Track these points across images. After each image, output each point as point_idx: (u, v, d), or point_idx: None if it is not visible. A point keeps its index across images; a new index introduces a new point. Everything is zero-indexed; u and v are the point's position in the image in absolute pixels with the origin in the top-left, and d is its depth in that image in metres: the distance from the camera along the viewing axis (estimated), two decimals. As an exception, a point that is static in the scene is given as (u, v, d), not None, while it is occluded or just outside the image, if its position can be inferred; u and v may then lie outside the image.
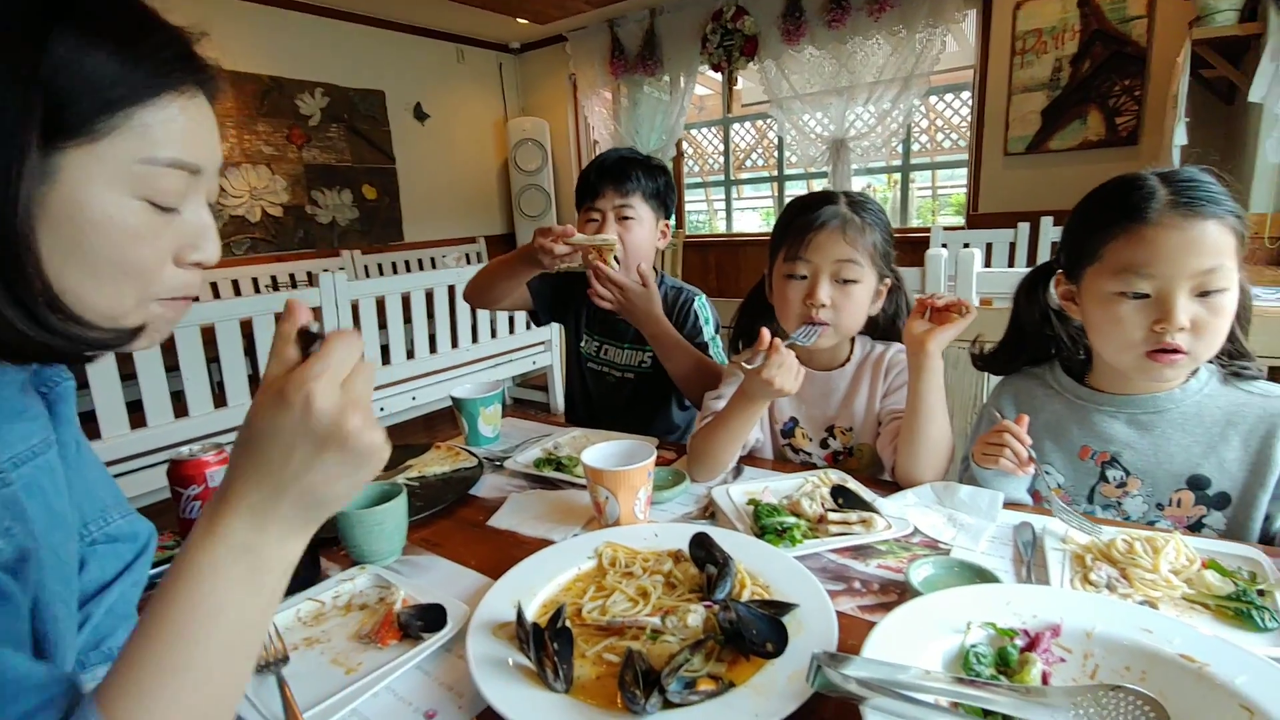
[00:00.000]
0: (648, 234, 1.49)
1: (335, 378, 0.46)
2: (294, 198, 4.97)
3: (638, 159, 1.48)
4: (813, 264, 1.12)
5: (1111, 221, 0.89)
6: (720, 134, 5.90)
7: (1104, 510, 0.99)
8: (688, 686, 0.59)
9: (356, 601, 0.80)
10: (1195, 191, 0.85)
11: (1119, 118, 4.04)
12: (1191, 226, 0.83)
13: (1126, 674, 0.57)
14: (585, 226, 1.47)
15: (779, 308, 1.19)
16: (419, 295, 3.21)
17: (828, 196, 1.15)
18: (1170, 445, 0.94)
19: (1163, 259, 0.84)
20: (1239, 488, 0.92)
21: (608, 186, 1.45)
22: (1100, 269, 0.91)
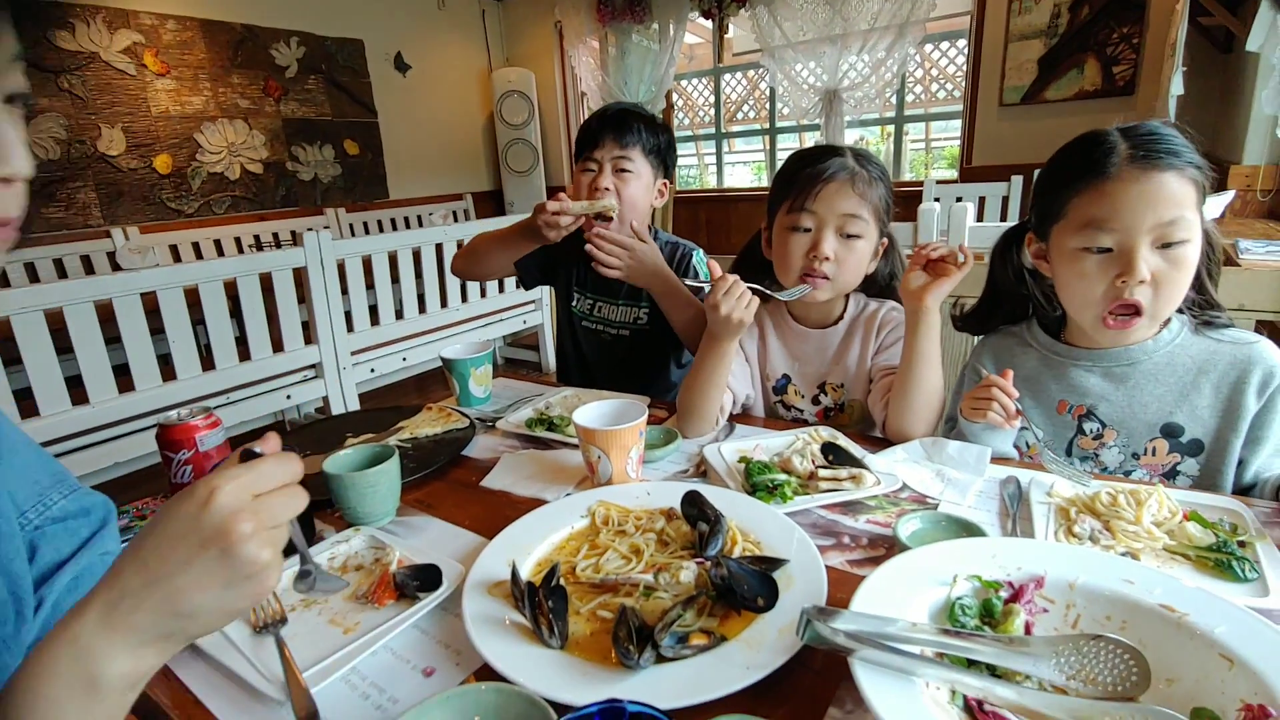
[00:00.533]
0: (644, 190, 1.45)
1: (250, 486, 0.47)
2: (274, 153, 4.85)
3: (641, 113, 1.44)
4: (818, 216, 1.11)
5: (1074, 178, 0.90)
6: (711, 85, 5.76)
7: (1082, 462, 1.00)
8: (680, 641, 0.60)
9: (352, 563, 0.80)
10: (1154, 144, 0.85)
11: (1116, 67, 3.96)
12: (1150, 179, 0.84)
13: (1107, 624, 0.59)
14: (581, 177, 1.44)
15: (779, 261, 1.17)
16: (406, 254, 3.16)
17: (833, 149, 1.13)
18: (1144, 395, 0.96)
19: (1123, 212, 0.85)
20: (1211, 434, 0.94)
21: (608, 136, 1.41)
22: (1065, 226, 0.92)
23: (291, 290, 2.70)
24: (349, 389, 2.96)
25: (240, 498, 0.46)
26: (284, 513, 0.48)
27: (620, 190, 1.41)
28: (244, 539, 0.45)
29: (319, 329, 2.81)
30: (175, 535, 0.45)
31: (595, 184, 1.40)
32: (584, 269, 1.55)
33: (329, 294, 2.80)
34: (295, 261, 2.69)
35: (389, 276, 3.10)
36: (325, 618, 0.71)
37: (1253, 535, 0.72)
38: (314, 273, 2.73)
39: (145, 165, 4.19)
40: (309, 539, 0.85)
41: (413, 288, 3.24)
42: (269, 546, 0.46)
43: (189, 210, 4.45)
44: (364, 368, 3.05)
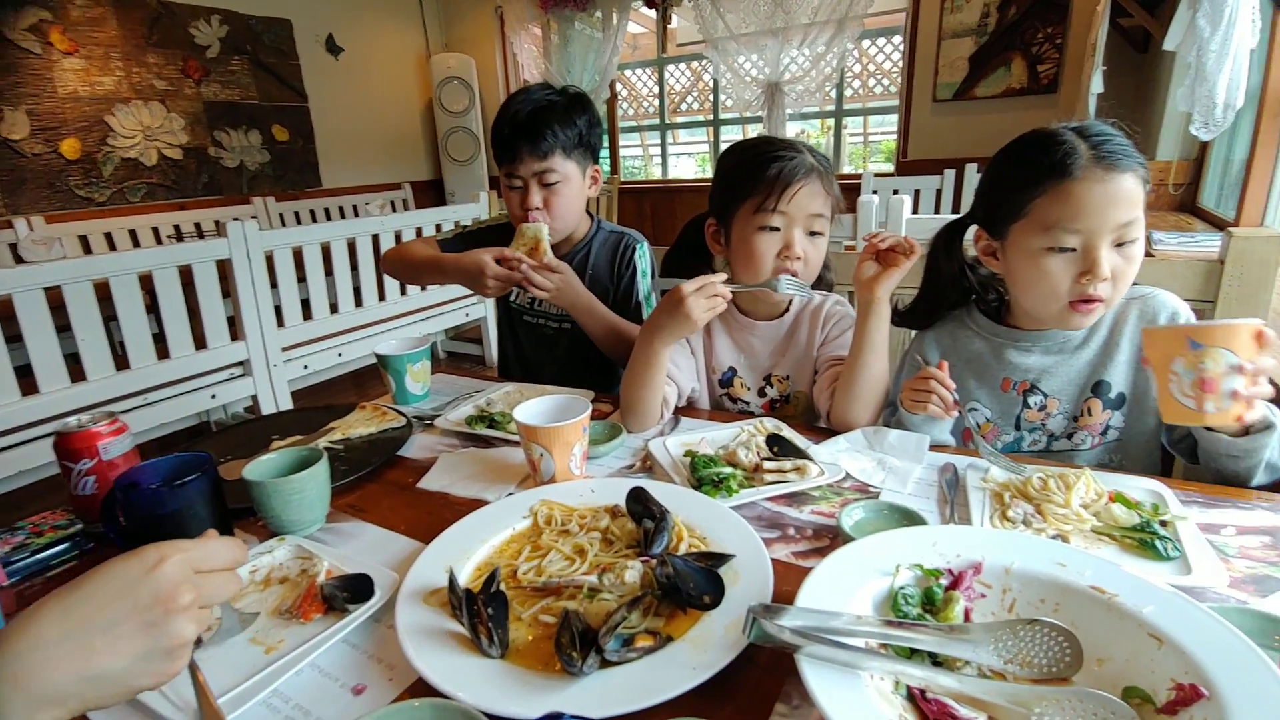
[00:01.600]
0: (576, 192, 1.38)
1: (196, 561, 0.48)
2: (194, 138, 4.57)
3: (552, 104, 1.33)
4: (789, 216, 1.10)
5: (1036, 179, 0.91)
6: (655, 75, 5.74)
7: (1030, 433, 1.05)
8: (625, 644, 0.58)
9: (276, 575, 0.75)
10: (1111, 145, 0.88)
11: (1041, 65, 4.13)
12: (1112, 180, 0.87)
13: (1042, 606, 0.60)
14: (509, 194, 1.37)
15: (745, 260, 1.14)
16: (340, 245, 3.04)
17: (791, 145, 1.12)
18: (1078, 362, 1.01)
19: (1087, 214, 0.87)
20: (1129, 384, 1.00)
21: (523, 149, 1.31)
22: (1027, 225, 0.93)
23: (215, 283, 2.56)
24: (280, 387, 2.83)
25: (186, 571, 0.47)
26: (219, 594, 0.49)
27: (551, 204, 1.34)
28: (179, 611, 0.45)
29: (246, 324, 2.67)
30: (110, 594, 0.45)
31: (525, 204, 1.34)
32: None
33: (256, 287, 2.67)
34: (219, 253, 2.55)
35: (322, 269, 2.97)
36: (245, 636, 0.66)
37: (1173, 515, 0.75)
38: (239, 265, 2.59)
39: (51, 150, 3.89)
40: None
41: (348, 281, 3.11)
42: (195, 624, 0.47)
43: (100, 199, 4.16)
44: (296, 364, 2.92)
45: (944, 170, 3.74)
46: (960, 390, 0.98)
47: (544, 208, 1.34)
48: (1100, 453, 1.02)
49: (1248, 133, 2.35)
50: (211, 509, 0.78)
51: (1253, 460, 0.83)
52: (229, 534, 0.81)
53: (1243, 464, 0.84)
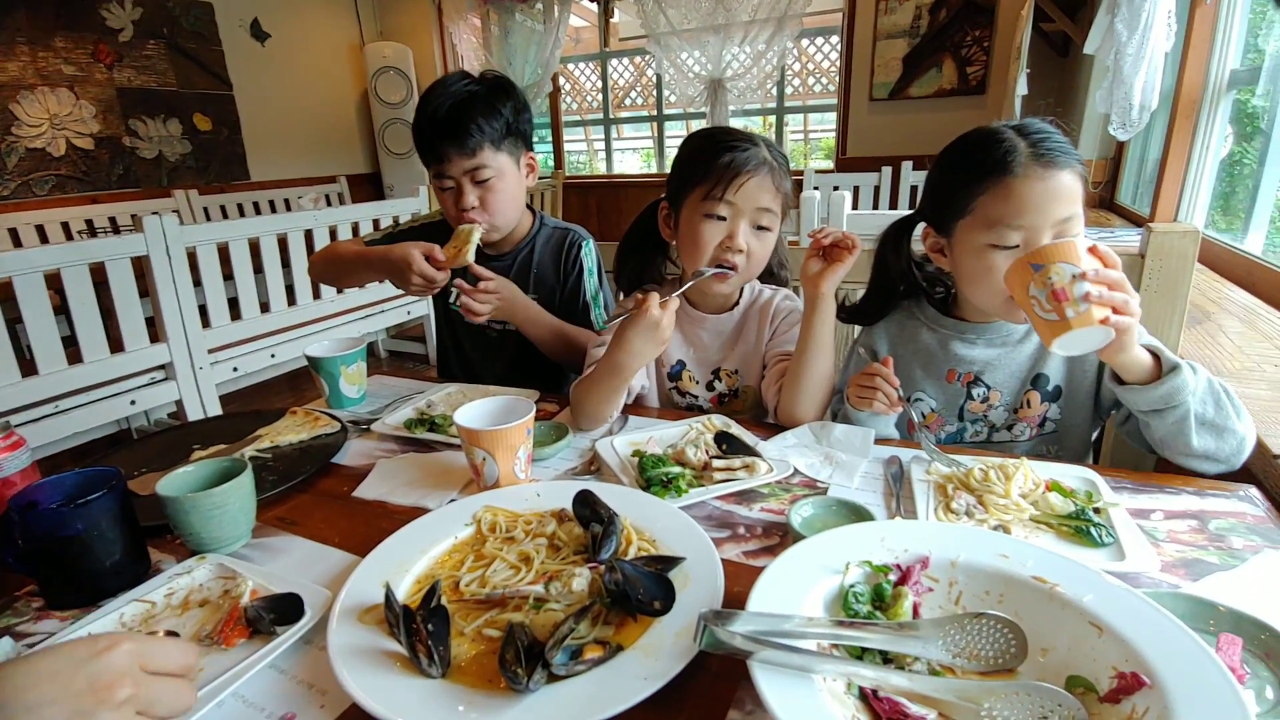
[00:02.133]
0: (513, 186, 1.31)
1: (147, 655, 0.45)
2: (107, 127, 4.29)
3: (473, 95, 1.24)
4: (736, 207, 1.09)
5: (979, 176, 0.93)
6: (598, 70, 5.69)
7: (973, 424, 1.07)
8: (574, 656, 0.56)
9: (196, 597, 0.70)
10: (1050, 143, 0.90)
11: (970, 67, 4.28)
12: (1051, 177, 0.89)
13: (987, 598, 0.61)
14: (442, 195, 1.30)
15: (689, 246, 1.13)
16: (270, 241, 2.89)
17: (748, 137, 1.11)
18: (1019, 355, 1.04)
19: (1029, 210, 0.89)
20: (1064, 377, 1.03)
21: (449, 149, 1.23)
22: (972, 222, 0.95)
23: (131, 282, 2.40)
24: (208, 391, 2.68)
25: (132, 664, 0.44)
26: (163, 704, 0.46)
27: (488, 203, 1.27)
28: (112, 706, 0.43)
29: (168, 325, 2.52)
30: (50, 671, 0.42)
31: (460, 204, 1.27)
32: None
33: (178, 285, 2.51)
34: (134, 249, 2.39)
35: (250, 266, 2.82)
36: (161, 665, 0.61)
37: (1106, 502, 0.77)
38: (158, 262, 2.43)
39: (-56, 139, 3.59)
40: (141, 573, 0.74)
41: (280, 278, 2.97)
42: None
43: (4, 192, 3.87)
44: (225, 367, 2.77)
45: (881, 167, 3.84)
46: (906, 381, 0.99)
47: (480, 206, 1.27)
48: (1037, 443, 1.05)
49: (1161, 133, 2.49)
50: (120, 529, 0.72)
51: (1177, 412, 0.84)
52: (142, 555, 0.76)
53: (1169, 419, 0.85)
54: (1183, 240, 1.12)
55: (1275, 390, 1.05)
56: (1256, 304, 1.56)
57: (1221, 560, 0.68)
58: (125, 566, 0.73)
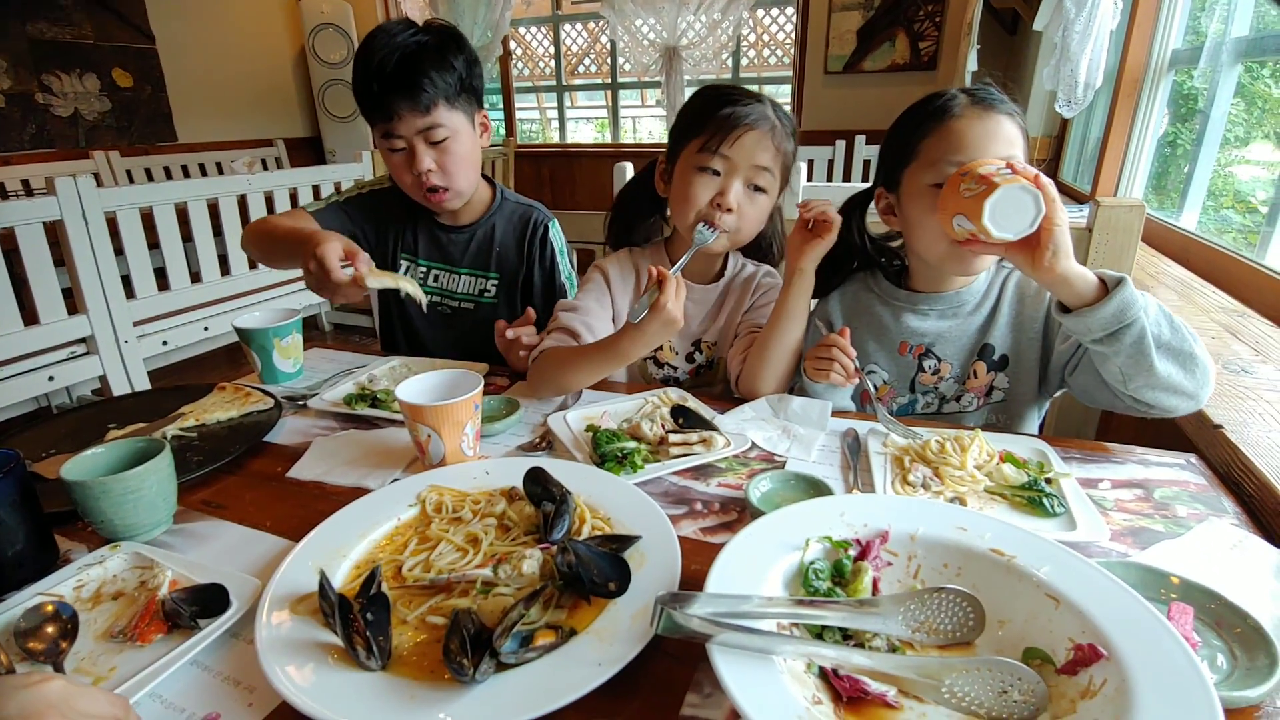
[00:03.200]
0: (469, 146, 1.22)
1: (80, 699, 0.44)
2: (19, 82, 3.95)
3: (423, 46, 1.14)
4: (731, 162, 1.05)
5: (923, 122, 0.96)
6: (550, 34, 5.52)
7: (924, 395, 1.07)
8: (524, 643, 0.53)
9: (109, 590, 0.64)
10: (988, 93, 0.95)
11: (922, 42, 4.31)
12: (989, 118, 0.92)
13: (945, 571, 0.60)
14: (390, 157, 1.19)
15: (679, 200, 1.10)
16: (199, 207, 2.72)
17: (754, 95, 1.08)
18: (968, 326, 1.05)
19: (967, 145, 0.92)
20: (1010, 347, 1.04)
21: (400, 105, 1.12)
22: (917, 166, 0.97)
23: (45, 249, 2.22)
24: (134, 365, 2.52)
25: (66, 701, 0.43)
26: None
27: (445, 165, 1.18)
28: None
29: (87, 295, 2.35)
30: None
31: (414, 168, 1.17)
32: (412, 233, 1.34)
33: (97, 253, 2.35)
34: (47, 213, 2.21)
35: (178, 233, 2.65)
36: (69, 666, 0.55)
37: (1058, 473, 0.78)
38: (73, 227, 2.26)
39: None
40: (48, 564, 0.68)
41: (211, 247, 2.80)
42: None
43: (-104, 150, 3.53)
44: (153, 340, 2.62)
45: (836, 141, 3.85)
46: (860, 353, 0.99)
47: (438, 169, 1.18)
48: (986, 413, 1.07)
49: (1103, 111, 2.54)
50: (22, 515, 0.66)
51: (1133, 329, 0.77)
52: (48, 542, 0.69)
53: (1127, 341, 0.78)
54: (1129, 214, 1.14)
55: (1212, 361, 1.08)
56: (1192, 278, 1.61)
57: (1167, 528, 0.70)
58: (29, 557, 0.67)
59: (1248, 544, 0.66)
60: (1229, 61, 1.81)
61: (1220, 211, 2.06)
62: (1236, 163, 2.05)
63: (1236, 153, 2.03)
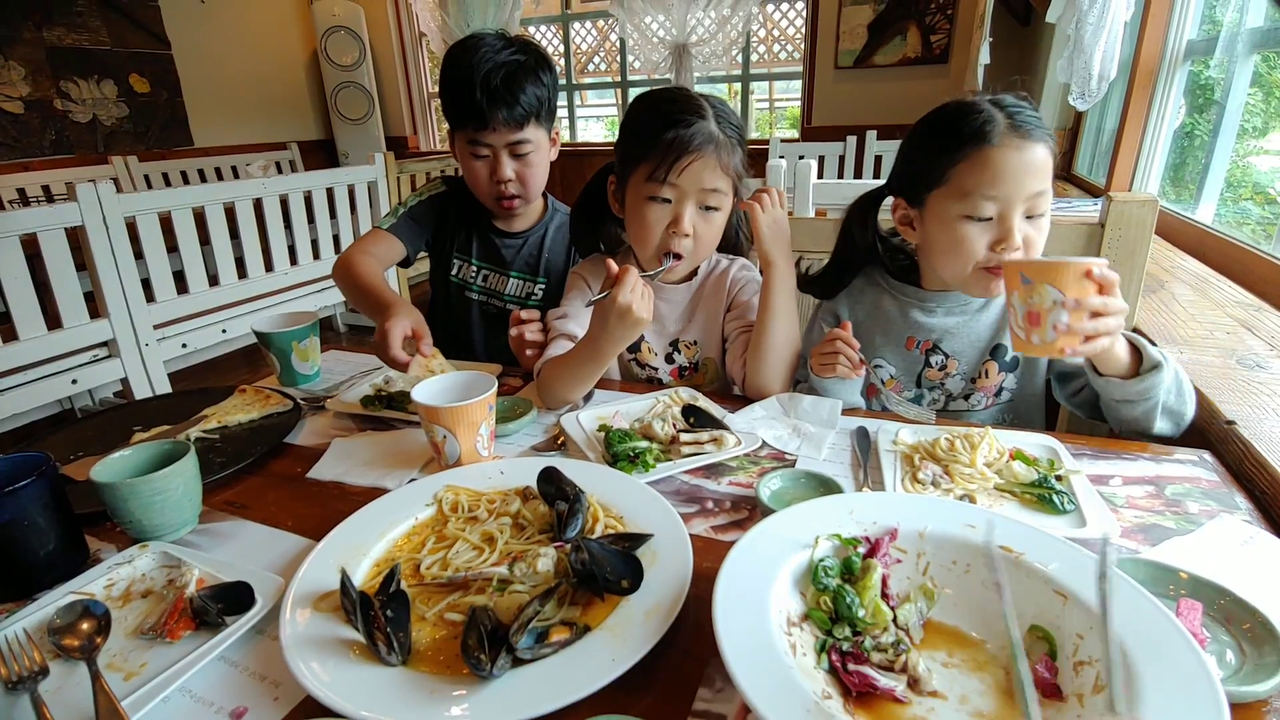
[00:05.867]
0: (545, 160, 1.30)
1: None
2: (38, 90, 4.03)
3: (522, 64, 1.21)
4: (680, 189, 1.04)
5: (957, 146, 0.92)
6: (560, 32, 5.53)
7: (930, 391, 1.07)
8: (539, 639, 0.54)
9: (138, 588, 0.66)
10: (1025, 115, 0.91)
11: (934, 36, 4.28)
12: (1028, 149, 0.89)
13: (954, 567, 0.61)
14: (472, 163, 1.25)
15: (637, 231, 1.09)
16: (216, 210, 2.76)
17: (693, 105, 1.04)
18: (978, 325, 1.04)
19: (1004, 180, 0.89)
20: None
21: (499, 114, 1.19)
22: (947, 192, 0.94)
23: (67, 254, 2.27)
24: (155, 368, 2.57)
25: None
26: None
27: (524, 177, 1.26)
28: None
29: (108, 299, 2.40)
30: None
31: (497, 176, 1.25)
32: (467, 233, 1.41)
33: (118, 258, 2.39)
34: (68, 219, 2.26)
35: (196, 237, 2.69)
36: (101, 663, 0.58)
37: (1068, 469, 0.78)
38: (94, 232, 2.31)
39: None
40: (78, 564, 0.70)
41: (229, 250, 2.84)
42: None
43: (-78, 158, 3.61)
44: (173, 343, 2.66)
45: (846, 136, 3.83)
46: (867, 347, 0.99)
47: (517, 180, 1.26)
48: (995, 413, 1.07)
49: (1118, 103, 2.52)
50: (53, 517, 0.68)
51: (1147, 403, 0.86)
52: (79, 542, 0.71)
53: (1139, 408, 0.87)
54: (1142, 209, 1.13)
55: (1226, 357, 1.07)
56: (1208, 272, 1.60)
57: (1178, 525, 0.70)
58: (60, 557, 0.69)
59: (1259, 540, 0.66)
60: (1245, 52, 1.79)
61: (1239, 203, 2.04)
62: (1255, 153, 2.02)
63: (1254, 143, 2.00)
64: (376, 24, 5.50)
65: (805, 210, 1.89)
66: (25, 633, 0.59)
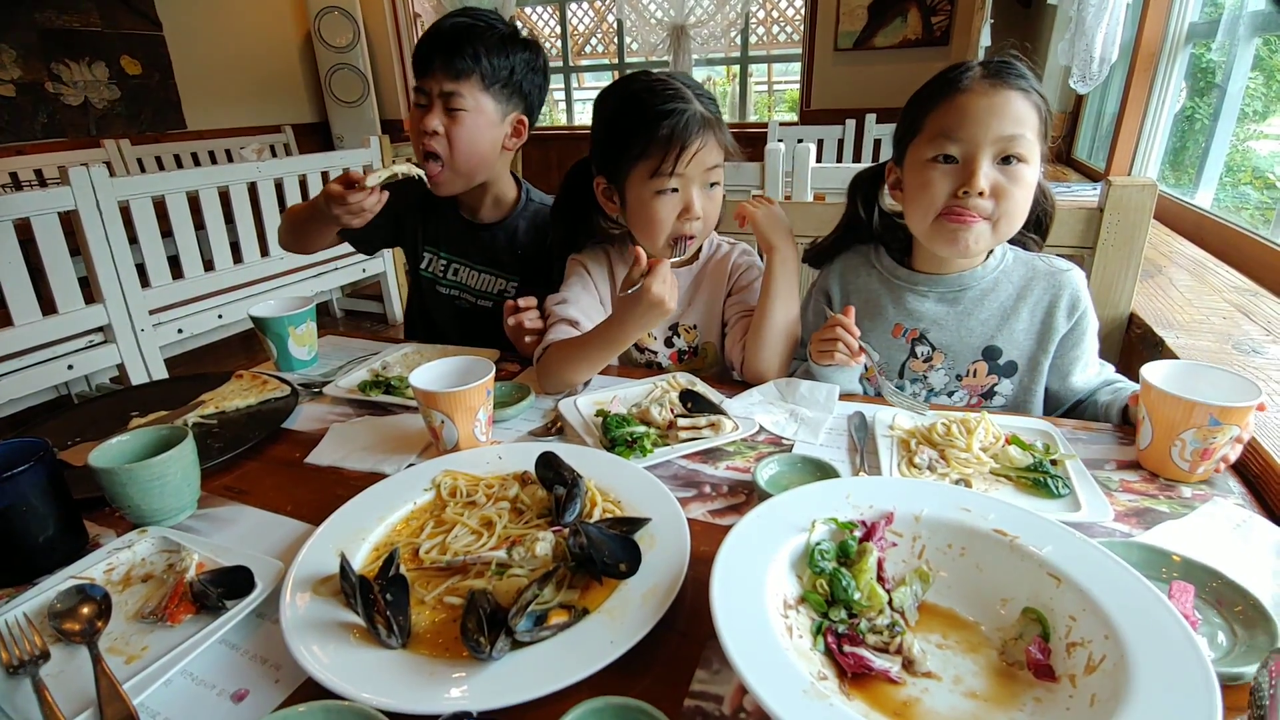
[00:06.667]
0: (484, 129, 1.21)
1: None
2: (29, 72, 3.98)
3: (487, 27, 1.18)
4: (685, 177, 1.03)
5: (933, 95, 0.94)
6: (556, 14, 5.47)
7: (912, 384, 1.07)
8: (538, 622, 0.55)
9: (138, 573, 0.67)
10: (1005, 68, 0.91)
11: (934, 17, 4.24)
12: (997, 93, 0.89)
13: (949, 551, 0.61)
14: (413, 110, 1.22)
15: (645, 225, 1.07)
16: (210, 194, 2.74)
17: (679, 94, 1.03)
18: (971, 321, 1.02)
19: (969, 122, 0.89)
20: (1025, 356, 1.02)
21: (437, 63, 1.16)
22: (920, 140, 0.95)
23: (60, 239, 2.25)
24: (151, 354, 2.56)
25: None
26: None
27: (450, 132, 1.18)
28: None
29: (103, 284, 2.39)
30: None
31: (423, 124, 1.19)
32: (435, 224, 1.36)
33: (111, 242, 2.38)
34: (62, 203, 2.24)
35: (190, 221, 2.67)
36: (102, 646, 0.58)
37: (1063, 454, 0.79)
38: (88, 217, 2.29)
39: None
40: (78, 548, 0.70)
41: (224, 234, 2.83)
42: None
43: (-87, 142, 3.58)
44: (169, 328, 2.65)
45: (846, 120, 3.80)
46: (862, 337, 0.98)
47: (443, 134, 1.19)
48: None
49: (1119, 87, 2.50)
50: (52, 503, 0.68)
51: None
52: (78, 527, 0.72)
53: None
54: (1141, 194, 1.13)
55: (1222, 342, 1.08)
56: (1205, 257, 1.60)
57: (1172, 509, 0.70)
58: (59, 542, 0.69)
59: (1251, 523, 0.66)
60: (1246, 35, 1.77)
61: (1238, 188, 2.04)
62: (1255, 138, 2.01)
63: (1255, 127, 1.99)
64: (371, 5, 5.43)
65: (804, 195, 1.89)
66: (26, 617, 0.60)
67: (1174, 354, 1.03)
